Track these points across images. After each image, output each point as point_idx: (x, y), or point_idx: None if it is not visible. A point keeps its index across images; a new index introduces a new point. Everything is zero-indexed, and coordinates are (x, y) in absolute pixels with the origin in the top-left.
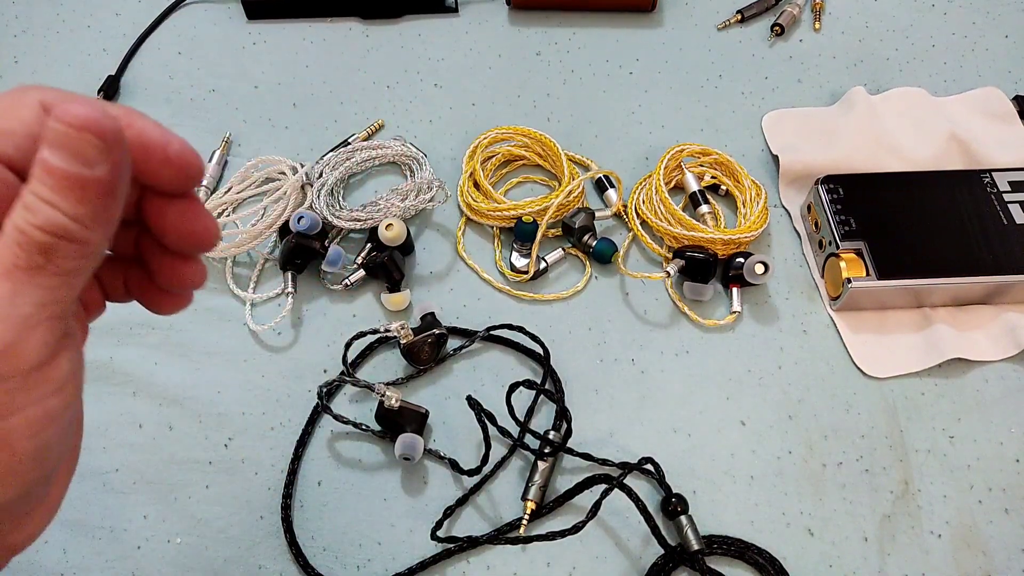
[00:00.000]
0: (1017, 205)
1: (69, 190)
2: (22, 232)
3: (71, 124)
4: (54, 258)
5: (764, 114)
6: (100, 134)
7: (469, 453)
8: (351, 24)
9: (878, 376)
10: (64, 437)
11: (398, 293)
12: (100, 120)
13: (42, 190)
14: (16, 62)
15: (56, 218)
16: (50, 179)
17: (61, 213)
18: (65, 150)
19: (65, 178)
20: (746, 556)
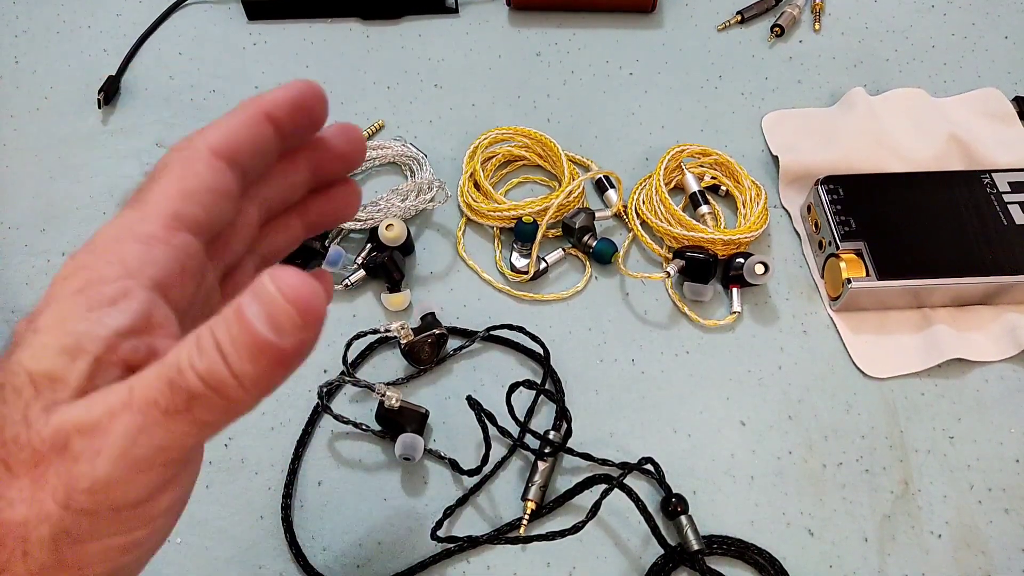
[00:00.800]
0: (1017, 205)
1: (249, 349)
2: (179, 372)
3: (282, 292)
4: (196, 408)
5: (764, 114)
6: (304, 312)
7: (469, 453)
8: (351, 24)
9: (878, 376)
10: (146, 554)
11: (398, 293)
12: (310, 300)
13: (222, 335)
14: (16, 62)
15: (221, 371)
16: (237, 331)
17: (228, 368)
18: (265, 312)
19: (251, 337)
20: (746, 556)
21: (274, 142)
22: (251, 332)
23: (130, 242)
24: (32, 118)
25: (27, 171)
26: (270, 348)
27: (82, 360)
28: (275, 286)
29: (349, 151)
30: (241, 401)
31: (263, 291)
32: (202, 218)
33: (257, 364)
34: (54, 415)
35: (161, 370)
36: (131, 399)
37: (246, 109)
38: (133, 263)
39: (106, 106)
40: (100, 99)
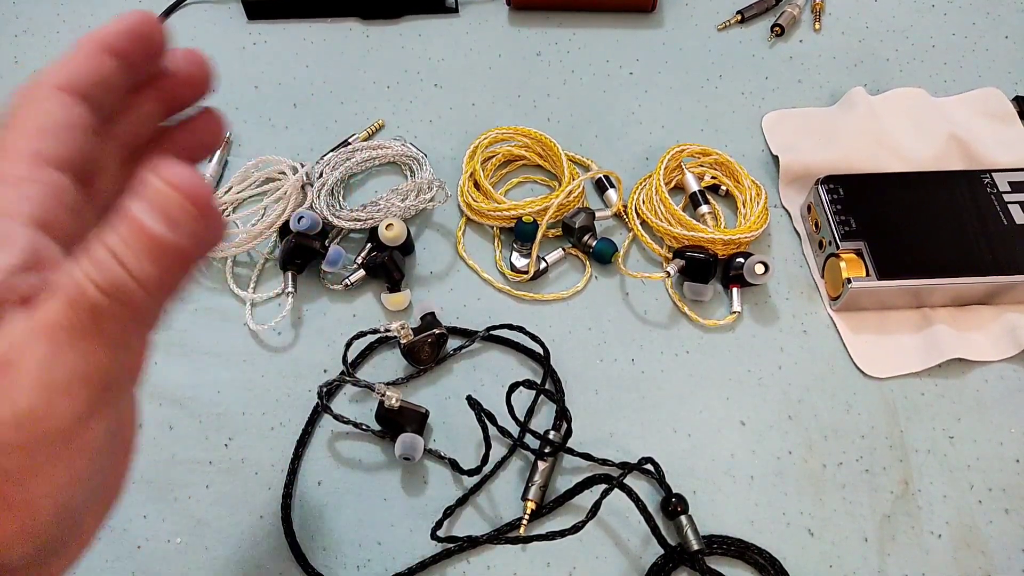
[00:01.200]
0: (1017, 205)
1: (145, 249)
2: (78, 288)
3: (170, 183)
4: (103, 323)
5: (764, 114)
6: (196, 201)
7: (469, 453)
8: (351, 24)
9: (878, 376)
10: (94, 491)
11: (398, 293)
12: (198, 187)
13: (115, 242)
14: (16, 62)
15: (120, 277)
16: (128, 233)
17: (127, 272)
18: (156, 208)
19: (146, 236)
20: (746, 556)
21: (118, 74)
22: (144, 230)
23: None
24: None
25: None
26: (167, 244)
27: None
28: (159, 180)
29: (195, 73)
30: (147, 307)
31: (148, 186)
32: (64, 153)
33: (158, 263)
34: None
35: (59, 291)
36: (34, 327)
37: (83, 44)
38: (6, 204)
39: None
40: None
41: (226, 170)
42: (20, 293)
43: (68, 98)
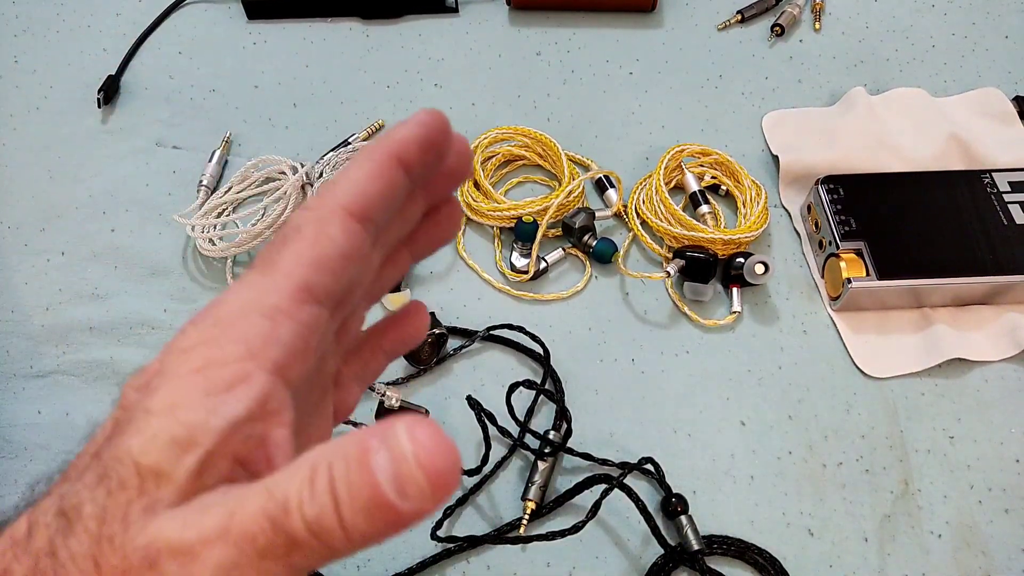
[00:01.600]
0: (1017, 205)
1: (365, 503)
2: (285, 512)
3: (416, 455)
4: (294, 553)
5: (764, 114)
6: (434, 482)
7: (469, 453)
8: (351, 24)
9: (878, 376)
10: None
11: (398, 293)
12: (444, 470)
13: (340, 480)
14: (16, 62)
15: (329, 521)
16: (357, 478)
17: (337, 518)
18: (393, 469)
19: (371, 491)
20: (746, 556)
21: (405, 188)
22: (373, 487)
23: (255, 317)
24: (32, 118)
25: (27, 171)
26: (389, 508)
27: (192, 455)
28: (410, 444)
29: (458, 167)
30: (341, 553)
31: (396, 444)
32: (333, 287)
33: (371, 521)
34: (150, 525)
35: (266, 504)
36: (229, 530)
37: (375, 156)
38: (256, 342)
39: (106, 106)
40: (100, 99)
41: (226, 170)
42: (234, 449)
43: (355, 224)
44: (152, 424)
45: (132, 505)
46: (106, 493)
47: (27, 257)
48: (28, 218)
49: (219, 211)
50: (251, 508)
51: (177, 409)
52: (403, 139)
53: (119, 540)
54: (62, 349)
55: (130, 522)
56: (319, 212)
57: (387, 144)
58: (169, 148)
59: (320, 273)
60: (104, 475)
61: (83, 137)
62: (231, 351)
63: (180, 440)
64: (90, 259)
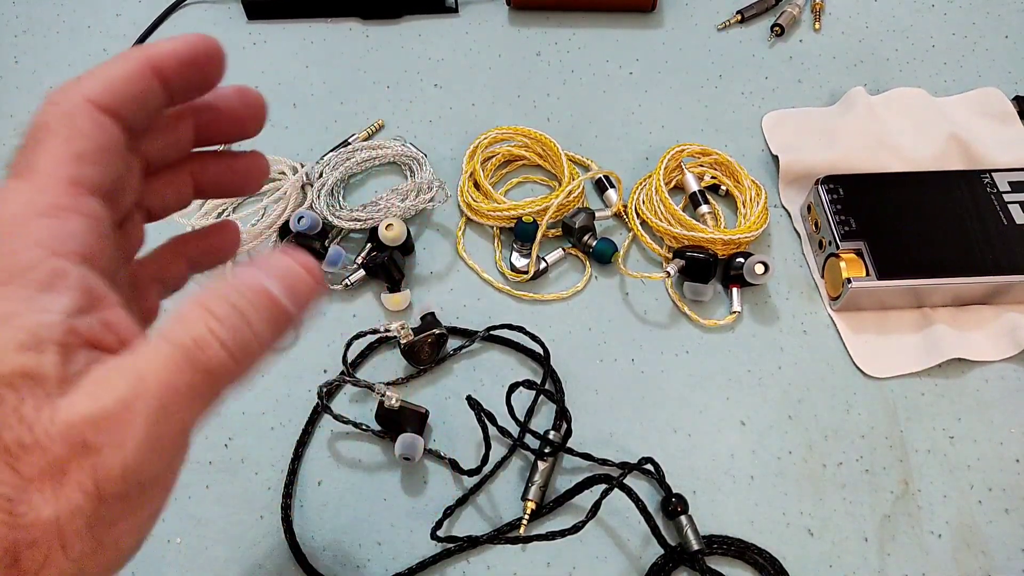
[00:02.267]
0: (1017, 205)
1: (270, 316)
2: (200, 348)
3: (304, 265)
4: (218, 382)
5: (764, 114)
6: (318, 282)
7: (469, 453)
8: (351, 24)
9: (878, 376)
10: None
11: (398, 293)
12: (318, 271)
13: (245, 305)
14: (16, 62)
15: (247, 338)
16: (255, 298)
17: (253, 335)
18: (289, 288)
19: (272, 304)
20: (746, 556)
21: (160, 97)
22: (271, 299)
23: (37, 218)
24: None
25: None
26: (287, 313)
27: (48, 351)
28: (297, 261)
29: (245, 116)
30: (253, 364)
31: (287, 269)
32: (99, 179)
33: (275, 328)
34: (58, 413)
35: (174, 352)
36: (144, 385)
37: (130, 59)
38: (51, 240)
39: None
40: None
41: None
42: (84, 336)
43: (104, 118)
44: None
45: (21, 409)
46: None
47: None
48: None
49: (219, 211)
50: (159, 361)
51: (9, 320)
52: (162, 49)
53: (29, 439)
54: None
55: (31, 422)
56: (65, 107)
57: (145, 50)
58: None
59: (83, 166)
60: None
61: None
62: (31, 256)
63: (27, 343)
64: None
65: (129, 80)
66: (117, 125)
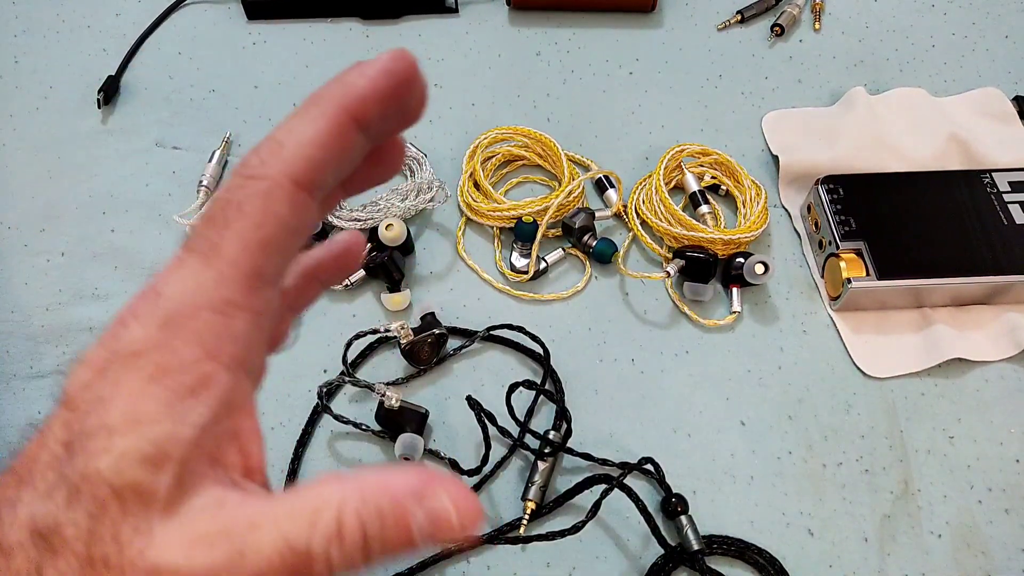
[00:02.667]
0: (1017, 205)
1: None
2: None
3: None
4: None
5: (764, 114)
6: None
7: (469, 453)
8: (351, 24)
9: (878, 376)
10: None
11: (398, 293)
12: (476, 521)
13: (375, 543)
14: (16, 62)
15: (355, 566)
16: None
17: (364, 563)
18: (431, 531)
19: (405, 542)
20: (746, 556)
21: (361, 151)
22: (409, 541)
23: (206, 313)
24: (32, 118)
25: (27, 171)
26: (413, 550)
27: (167, 470)
28: (453, 507)
29: (415, 110)
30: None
31: (438, 503)
32: (282, 264)
33: (387, 559)
34: (150, 548)
35: (283, 551)
36: (241, 567)
37: (327, 111)
38: (212, 341)
39: (106, 106)
40: (100, 99)
41: (226, 170)
42: (208, 451)
43: (303, 196)
44: (117, 443)
45: (120, 526)
46: (87, 515)
47: (27, 257)
48: (28, 218)
49: None
50: (266, 550)
51: (141, 424)
52: (360, 91)
53: (115, 561)
54: (62, 349)
55: (123, 543)
56: (262, 185)
57: (342, 96)
58: (169, 148)
59: (269, 256)
60: (75, 495)
61: (83, 137)
62: (187, 354)
63: (151, 457)
64: (90, 259)
65: (329, 144)
66: (313, 198)
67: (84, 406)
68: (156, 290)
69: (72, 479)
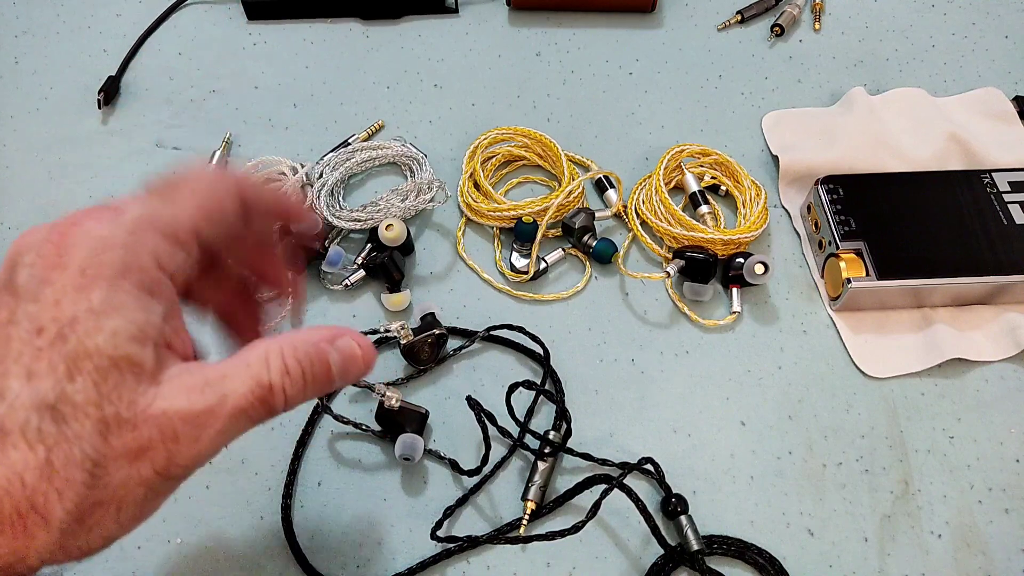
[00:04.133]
0: (1017, 205)
1: (320, 386)
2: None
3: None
4: (266, 416)
5: (764, 114)
6: (367, 369)
7: (469, 453)
8: (351, 24)
9: (878, 376)
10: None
11: (398, 293)
12: (372, 359)
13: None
14: (16, 62)
15: (300, 397)
16: (319, 370)
17: (304, 396)
18: (344, 367)
19: (328, 384)
20: (746, 556)
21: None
22: (329, 375)
23: (160, 236)
24: (32, 118)
25: (27, 171)
26: (331, 385)
27: (148, 347)
28: (358, 348)
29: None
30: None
31: (346, 345)
32: (209, 242)
33: (317, 394)
34: (156, 401)
35: (252, 385)
36: (226, 402)
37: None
38: (164, 258)
39: (106, 106)
40: (100, 99)
41: None
42: (168, 340)
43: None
44: (106, 324)
45: (122, 389)
46: (92, 383)
47: None
48: (28, 218)
49: None
50: (242, 389)
51: (123, 309)
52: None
53: (127, 415)
54: None
55: (130, 401)
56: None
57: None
58: (169, 149)
59: (208, 225)
60: (76, 368)
61: (83, 138)
62: (147, 261)
63: (136, 335)
64: None
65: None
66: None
67: (48, 295)
68: (118, 208)
69: (70, 355)
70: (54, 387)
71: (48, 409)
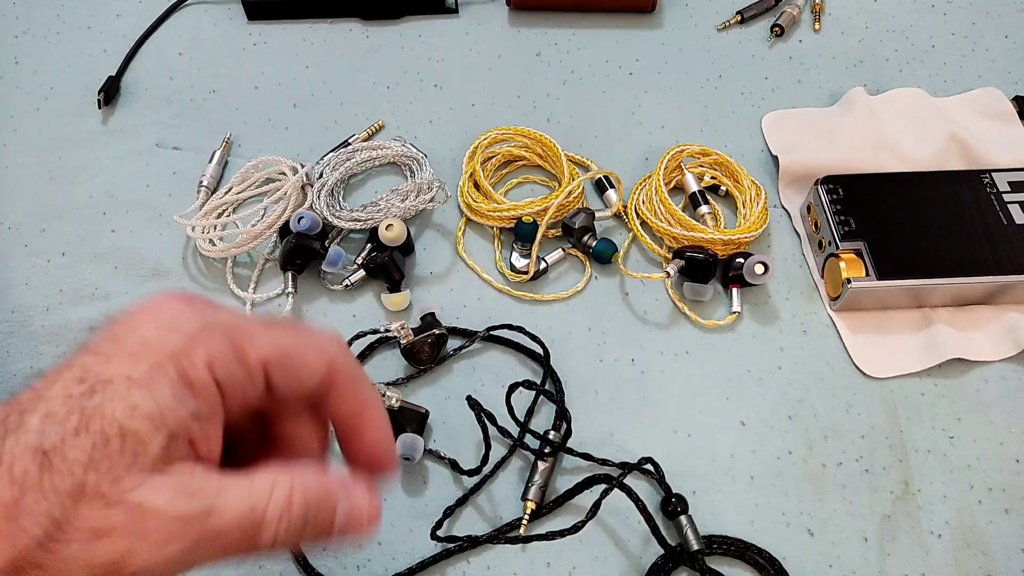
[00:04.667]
0: (1017, 205)
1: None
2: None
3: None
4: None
5: (764, 114)
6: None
7: (469, 453)
8: (351, 25)
9: (878, 376)
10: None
11: (398, 293)
12: (377, 520)
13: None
14: (17, 63)
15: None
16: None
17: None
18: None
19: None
20: (746, 556)
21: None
22: (330, 527)
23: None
24: (32, 118)
25: (27, 171)
26: (329, 539)
27: (161, 432)
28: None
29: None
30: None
31: (358, 499)
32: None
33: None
34: (140, 488)
35: (244, 510)
36: (207, 519)
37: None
38: (219, 365)
39: (106, 106)
40: (100, 99)
41: (226, 171)
42: (190, 435)
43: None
44: (134, 395)
45: (116, 461)
46: (91, 444)
47: (27, 257)
48: (28, 219)
49: (219, 212)
50: (230, 511)
51: (154, 388)
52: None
53: (106, 490)
54: (62, 349)
55: (116, 478)
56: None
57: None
58: (169, 149)
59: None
60: (85, 426)
61: (83, 138)
62: (199, 356)
63: (154, 416)
64: (90, 260)
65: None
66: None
67: (108, 352)
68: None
69: (88, 411)
70: (57, 435)
71: (41, 454)
